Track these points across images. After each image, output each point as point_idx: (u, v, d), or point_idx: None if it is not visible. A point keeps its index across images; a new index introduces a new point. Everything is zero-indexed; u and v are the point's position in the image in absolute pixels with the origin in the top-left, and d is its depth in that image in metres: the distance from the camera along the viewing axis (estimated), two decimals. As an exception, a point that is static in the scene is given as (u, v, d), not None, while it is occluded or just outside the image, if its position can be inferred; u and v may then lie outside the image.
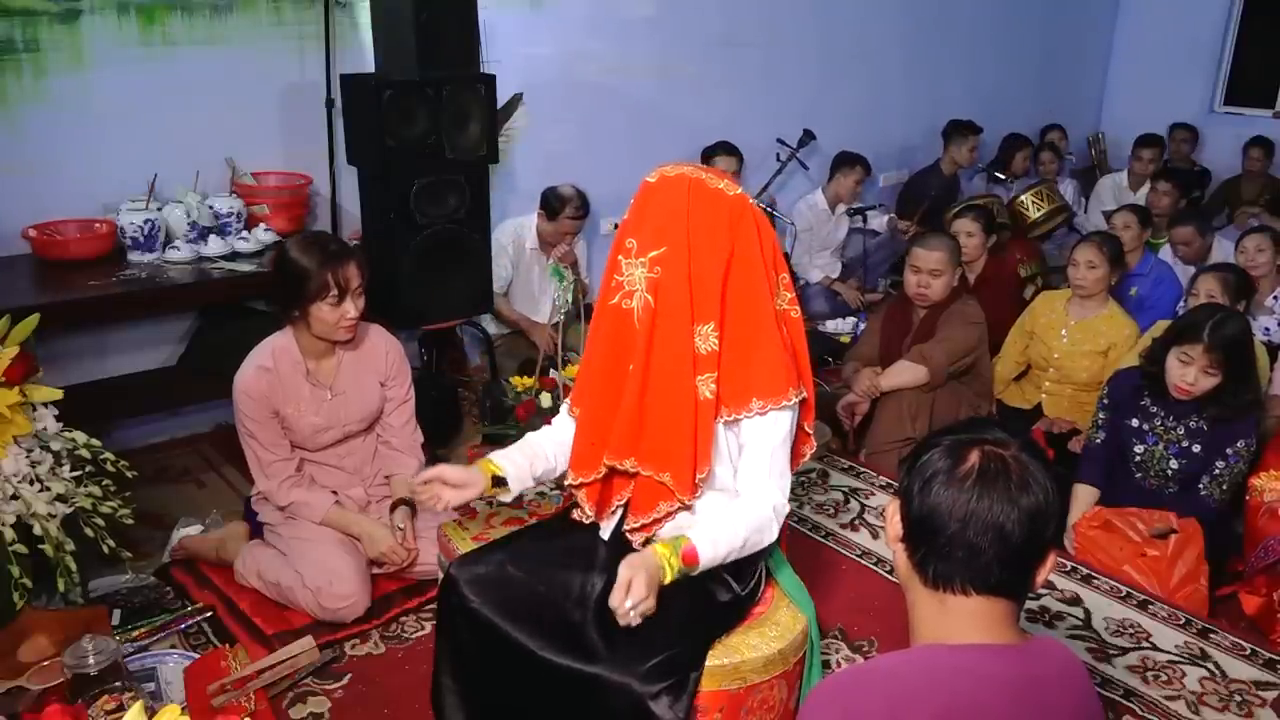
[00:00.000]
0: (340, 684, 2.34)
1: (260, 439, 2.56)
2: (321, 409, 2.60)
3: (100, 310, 3.00)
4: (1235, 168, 6.05)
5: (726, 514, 1.84)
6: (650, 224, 1.81)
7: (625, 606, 1.65)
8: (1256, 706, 2.37)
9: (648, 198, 1.83)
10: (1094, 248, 3.54)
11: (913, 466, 1.27)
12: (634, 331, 1.81)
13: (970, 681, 1.19)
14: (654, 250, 1.79)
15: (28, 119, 3.10)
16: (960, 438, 1.26)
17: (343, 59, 3.64)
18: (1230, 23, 6.47)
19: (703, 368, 1.81)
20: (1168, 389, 2.84)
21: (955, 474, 1.22)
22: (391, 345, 2.74)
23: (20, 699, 2.00)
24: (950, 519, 1.21)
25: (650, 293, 1.79)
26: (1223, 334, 2.74)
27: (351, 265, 2.48)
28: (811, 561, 2.59)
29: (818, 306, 5.10)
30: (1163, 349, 2.85)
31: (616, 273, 1.84)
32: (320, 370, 2.62)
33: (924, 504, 1.23)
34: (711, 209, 1.81)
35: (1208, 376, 2.76)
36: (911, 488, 1.25)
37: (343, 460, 2.71)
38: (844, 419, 3.48)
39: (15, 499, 2.09)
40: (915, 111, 5.77)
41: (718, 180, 1.85)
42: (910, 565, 1.28)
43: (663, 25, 4.63)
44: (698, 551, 1.75)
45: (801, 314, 1.97)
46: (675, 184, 1.82)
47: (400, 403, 2.75)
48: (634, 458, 1.83)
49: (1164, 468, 2.90)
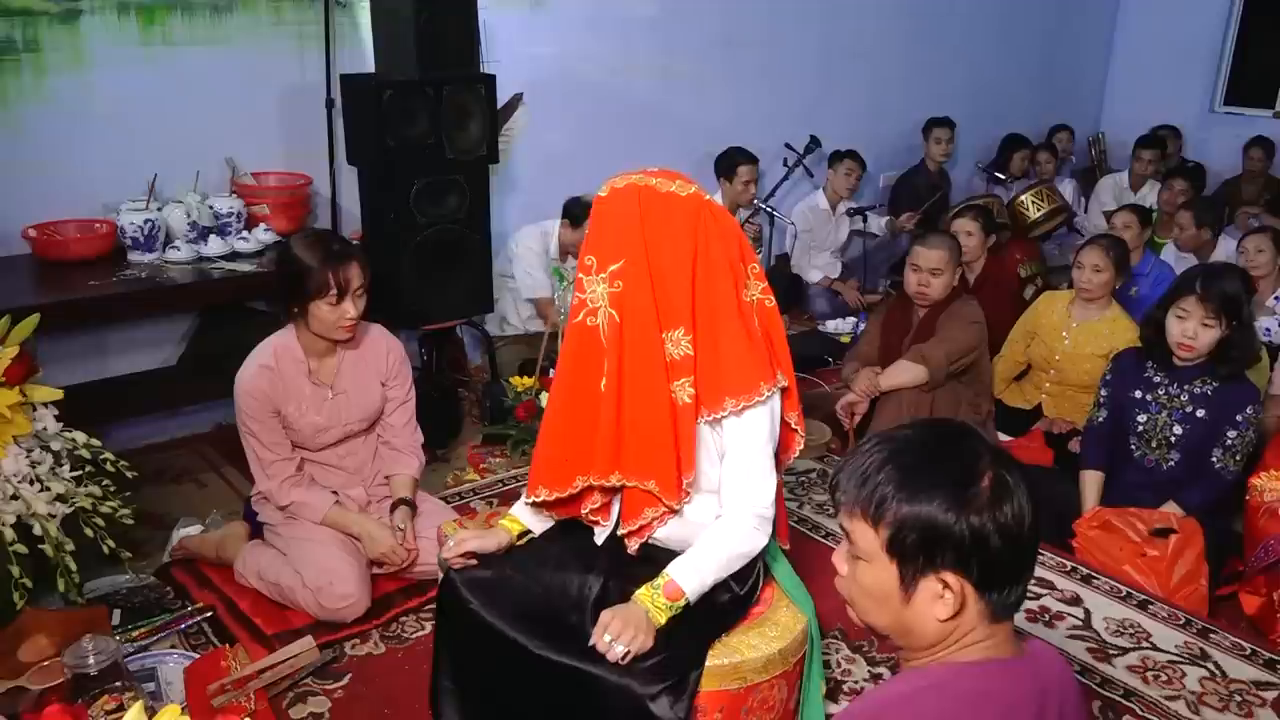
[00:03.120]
0: (340, 684, 2.34)
1: (261, 438, 2.56)
2: (323, 408, 2.60)
3: (100, 310, 3.00)
4: (1235, 168, 6.05)
5: (705, 539, 1.84)
6: (606, 239, 1.81)
7: (605, 641, 1.69)
8: (1256, 706, 2.37)
9: (601, 213, 1.84)
10: (1100, 251, 3.53)
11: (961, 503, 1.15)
12: (601, 349, 1.81)
13: (995, 706, 1.17)
14: (613, 264, 1.80)
15: (28, 119, 3.10)
16: (949, 466, 1.18)
17: (343, 59, 3.65)
18: (1230, 23, 6.47)
19: (678, 373, 1.81)
20: (1170, 354, 2.86)
21: (986, 492, 1.15)
22: (393, 345, 2.74)
23: (20, 699, 2.00)
24: (1022, 537, 1.16)
25: (614, 307, 1.80)
26: (1214, 284, 2.79)
27: (353, 266, 2.48)
28: (811, 561, 2.58)
29: (818, 306, 5.11)
30: (1161, 313, 2.88)
31: (579, 291, 1.84)
32: (322, 369, 2.61)
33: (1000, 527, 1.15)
34: (665, 213, 1.81)
35: (1206, 329, 2.78)
36: (982, 523, 1.14)
37: (343, 460, 2.71)
38: (843, 418, 3.47)
39: (15, 499, 2.10)
40: (915, 111, 5.77)
41: (669, 183, 1.84)
42: (954, 595, 1.17)
43: (663, 25, 4.63)
44: (680, 585, 1.77)
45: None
46: (625, 195, 1.82)
47: (401, 403, 2.75)
48: (618, 471, 1.84)
49: (1166, 435, 2.90)
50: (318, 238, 2.55)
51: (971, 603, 1.18)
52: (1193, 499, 2.84)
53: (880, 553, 1.19)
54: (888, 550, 1.18)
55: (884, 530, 1.18)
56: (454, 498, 3.21)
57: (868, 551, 1.20)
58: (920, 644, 1.22)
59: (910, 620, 1.20)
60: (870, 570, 1.21)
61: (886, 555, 1.18)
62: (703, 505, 1.90)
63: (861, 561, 1.22)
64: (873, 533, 1.19)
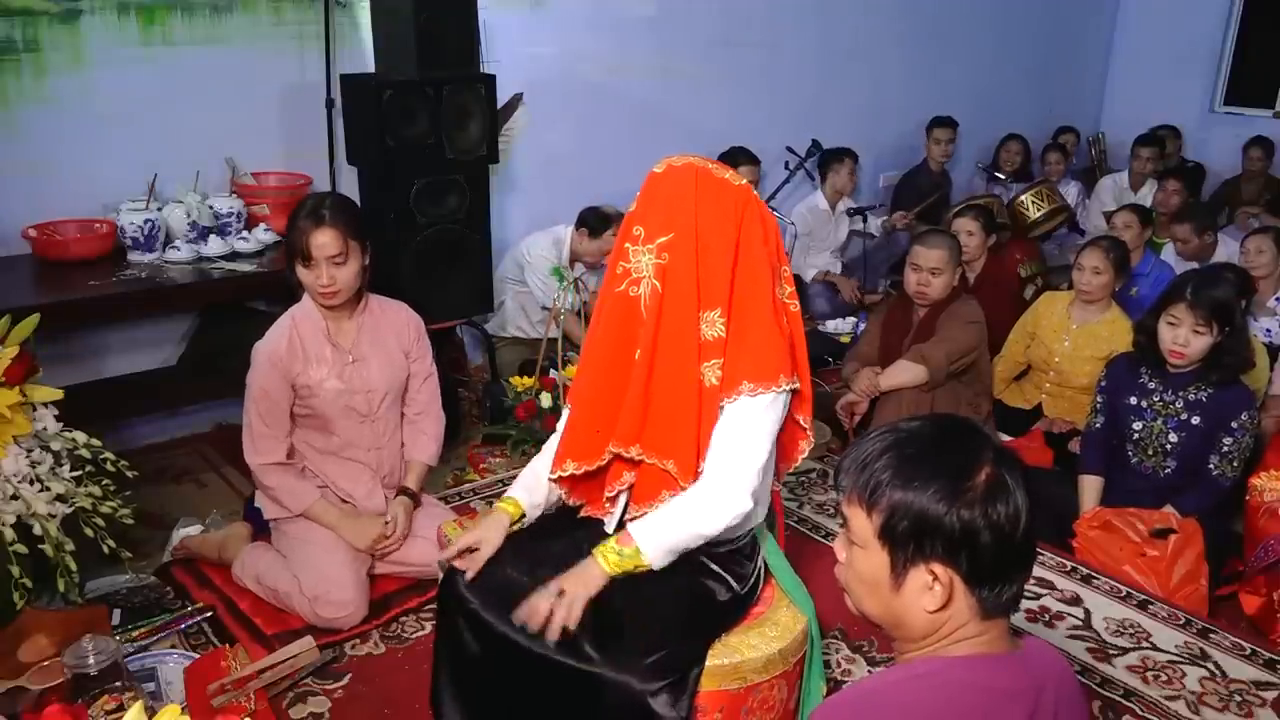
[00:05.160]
0: (340, 684, 2.34)
1: (260, 407, 2.53)
2: (343, 372, 2.58)
3: (100, 310, 3.00)
4: (1235, 168, 6.05)
5: (673, 503, 1.82)
6: (658, 211, 1.82)
7: (543, 605, 1.73)
8: (1256, 706, 2.37)
9: (655, 186, 1.85)
10: (1100, 253, 3.52)
11: (956, 493, 1.15)
12: (640, 319, 1.81)
13: (985, 699, 1.17)
14: (662, 237, 1.80)
15: (28, 119, 3.10)
16: (948, 458, 1.18)
17: (343, 59, 3.65)
18: (1230, 23, 6.47)
19: (708, 354, 1.81)
20: (1163, 360, 2.86)
21: (981, 487, 1.16)
22: (413, 318, 2.74)
23: (20, 699, 2.00)
24: (1015, 537, 1.16)
25: (658, 279, 1.80)
26: (1204, 290, 2.79)
27: (325, 233, 2.43)
28: (811, 561, 2.59)
29: (818, 306, 5.11)
30: (1153, 320, 2.88)
31: (623, 260, 1.84)
32: (340, 333, 2.60)
33: (991, 520, 1.15)
34: (718, 197, 1.82)
35: (1198, 336, 2.78)
36: (974, 517, 1.15)
37: (369, 454, 2.66)
38: (843, 418, 3.47)
39: (15, 499, 2.09)
40: (915, 111, 5.77)
41: (724, 171, 1.87)
42: (943, 589, 1.18)
43: (663, 25, 4.63)
44: (632, 533, 1.78)
45: (805, 314, 1.97)
46: (683, 173, 1.83)
47: (424, 377, 2.75)
48: (639, 445, 1.82)
49: (1162, 443, 2.90)
50: (317, 201, 2.53)
51: (960, 597, 1.18)
52: (1188, 504, 2.84)
53: (873, 539, 1.20)
54: (880, 537, 1.19)
55: (877, 516, 1.19)
56: (454, 497, 3.21)
57: (862, 538, 1.21)
58: (911, 636, 1.23)
59: (900, 610, 1.21)
60: (864, 557, 1.22)
61: (879, 542, 1.19)
62: None
63: (857, 548, 1.23)
64: (867, 518, 1.20)
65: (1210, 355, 2.80)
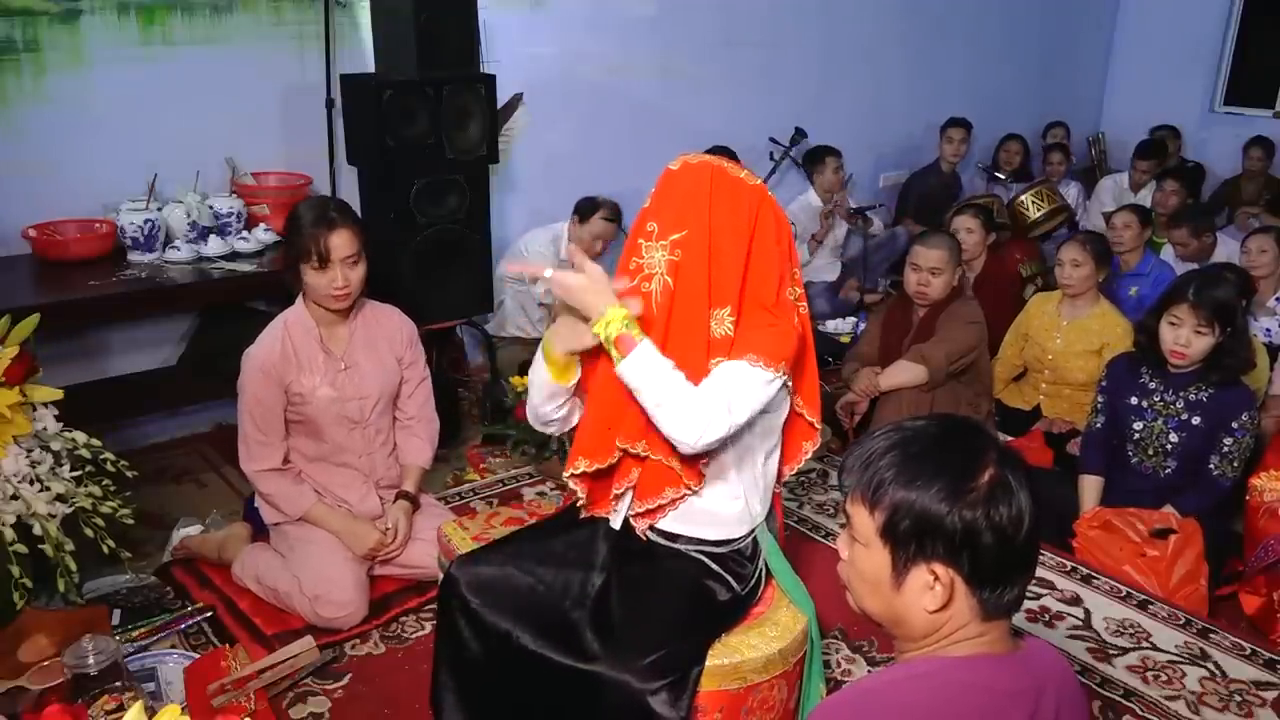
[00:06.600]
0: (340, 684, 2.34)
1: (254, 414, 2.53)
2: (335, 379, 2.58)
3: (100, 310, 3.00)
4: (1235, 168, 6.05)
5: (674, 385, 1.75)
6: (672, 207, 1.82)
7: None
8: (1256, 706, 2.37)
9: (670, 183, 1.85)
10: (1078, 246, 3.56)
11: (956, 493, 1.15)
12: (650, 315, 1.81)
13: (986, 699, 1.17)
14: (675, 233, 1.80)
15: (28, 119, 3.10)
16: (952, 458, 1.18)
17: (343, 59, 3.65)
18: (1230, 23, 6.47)
19: (716, 351, 1.81)
20: (1164, 360, 2.86)
21: (984, 488, 1.16)
22: (406, 323, 2.74)
23: (20, 699, 2.00)
24: (1017, 539, 1.16)
25: (670, 275, 1.80)
26: (1206, 291, 2.78)
27: (340, 234, 2.45)
28: (812, 561, 2.59)
29: (818, 306, 5.10)
30: (1154, 320, 2.88)
31: (636, 255, 1.84)
32: (332, 339, 2.60)
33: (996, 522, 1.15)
34: (733, 195, 1.83)
35: (1199, 336, 2.78)
36: (977, 518, 1.14)
37: (360, 459, 2.66)
38: (843, 418, 3.47)
39: (15, 499, 2.09)
40: (915, 111, 5.77)
41: (739, 170, 1.87)
42: (944, 589, 1.17)
43: (663, 25, 4.63)
44: (638, 344, 1.71)
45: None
46: (698, 170, 1.84)
47: (417, 383, 2.74)
48: (645, 441, 1.82)
49: (1163, 443, 2.90)
50: (319, 202, 2.54)
51: (961, 597, 1.18)
52: (1188, 505, 2.84)
53: (875, 537, 1.20)
54: (881, 535, 1.19)
55: (879, 514, 1.19)
56: (454, 498, 3.21)
57: (864, 536, 1.21)
58: (912, 635, 1.23)
59: (901, 609, 1.21)
60: (866, 555, 1.22)
61: (880, 540, 1.19)
62: (713, 496, 1.90)
63: (859, 545, 1.23)
64: (869, 516, 1.20)
65: (1211, 356, 2.80)
